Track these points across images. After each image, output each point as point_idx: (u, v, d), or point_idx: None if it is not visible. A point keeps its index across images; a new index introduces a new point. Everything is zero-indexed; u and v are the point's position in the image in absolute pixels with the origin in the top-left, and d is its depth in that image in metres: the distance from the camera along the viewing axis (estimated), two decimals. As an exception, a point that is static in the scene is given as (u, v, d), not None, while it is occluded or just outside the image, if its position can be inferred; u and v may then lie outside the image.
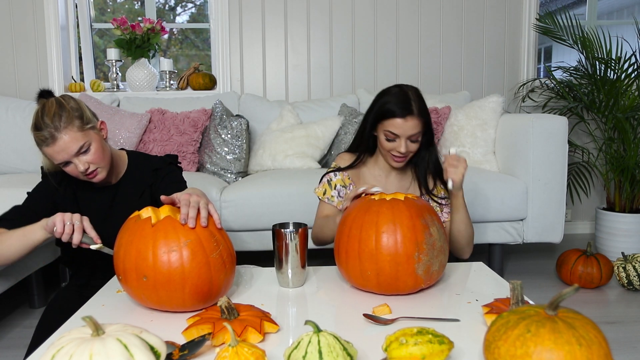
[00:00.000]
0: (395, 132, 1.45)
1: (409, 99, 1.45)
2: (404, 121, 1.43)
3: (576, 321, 0.68)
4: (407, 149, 1.46)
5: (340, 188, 1.59)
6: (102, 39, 3.39)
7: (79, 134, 1.23)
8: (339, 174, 1.60)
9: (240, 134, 2.50)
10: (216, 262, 1.01)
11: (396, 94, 1.47)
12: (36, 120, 1.23)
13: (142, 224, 1.02)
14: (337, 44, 3.14)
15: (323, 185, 1.61)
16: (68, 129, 1.22)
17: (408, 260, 1.07)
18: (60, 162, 1.24)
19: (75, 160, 1.24)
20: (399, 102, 1.45)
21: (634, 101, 2.74)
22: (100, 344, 0.66)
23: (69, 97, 1.29)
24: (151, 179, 1.43)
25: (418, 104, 1.46)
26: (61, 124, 1.21)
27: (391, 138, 1.47)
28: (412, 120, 1.43)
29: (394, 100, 1.46)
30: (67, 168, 1.27)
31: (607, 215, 2.77)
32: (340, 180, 1.59)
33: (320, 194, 1.62)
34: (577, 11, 4.84)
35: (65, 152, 1.22)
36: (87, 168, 1.26)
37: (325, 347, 0.74)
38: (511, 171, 2.35)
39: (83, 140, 1.24)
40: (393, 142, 1.47)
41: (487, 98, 2.55)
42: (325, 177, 1.62)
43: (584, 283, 2.29)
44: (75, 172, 1.27)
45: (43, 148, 1.24)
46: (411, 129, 1.44)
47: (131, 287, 1.01)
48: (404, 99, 1.45)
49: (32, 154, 2.56)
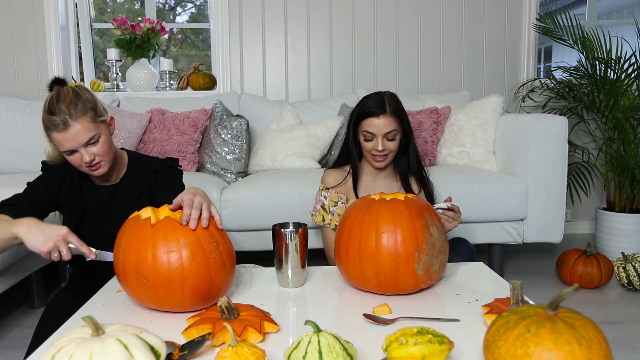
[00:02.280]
0: (371, 131, 1.56)
1: (383, 100, 1.57)
2: (378, 119, 1.55)
3: (576, 321, 0.68)
4: (384, 146, 1.56)
5: (334, 209, 1.68)
6: (102, 39, 3.39)
7: (91, 125, 1.25)
8: (327, 194, 1.69)
9: (240, 134, 2.50)
10: (216, 263, 1.01)
11: (372, 97, 1.60)
12: (50, 105, 1.23)
13: (141, 224, 1.02)
14: (337, 44, 3.14)
15: (319, 212, 1.70)
16: (82, 119, 1.23)
17: (408, 260, 1.07)
18: (67, 149, 1.25)
19: (82, 150, 1.25)
20: (374, 103, 1.57)
21: (634, 101, 2.74)
22: (100, 344, 0.66)
23: (85, 89, 1.31)
24: (150, 180, 1.43)
25: (393, 104, 1.57)
26: (76, 113, 1.23)
27: (369, 138, 1.58)
28: (386, 119, 1.55)
29: (369, 102, 1.58)
30: (71, 157, 1.27)
31: (607, 215, 2.77)
32: (331, 202, 1.68)
33: (319, 221, 1.71)
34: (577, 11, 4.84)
35: (75, 141, 1.23)
36: (92, 159, 1.27)
37: (325, 347, 0.74)
38: (511, 171, 2.34)
39: (94, 132, 1.26)
40: (371, 141, 1.58)
41: (487, 98, 2.54)
42: (318, 203, 1.71)
43: (584, 283, 2.29)
44: (78, 162, 1.28)
45: (52, 133, 1.24)
46: (385, 126, 1.55)
47: (131, 287, 1.01)
48: (379, 100, 1.57)
49: (32, 154, 2.56)
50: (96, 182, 1.42)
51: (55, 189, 1.38)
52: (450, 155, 2.53)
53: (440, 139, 2.60)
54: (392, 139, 1.57)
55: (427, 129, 2.56)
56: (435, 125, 2.57)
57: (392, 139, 1.57)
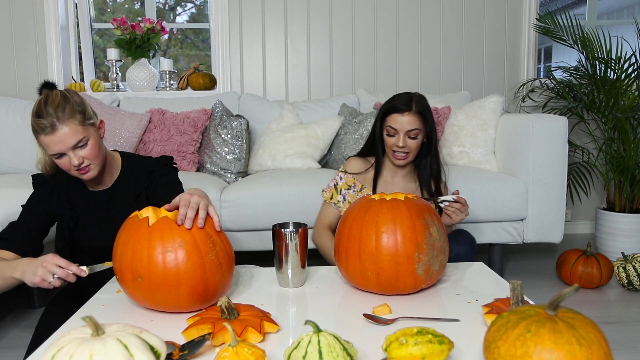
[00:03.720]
0: (394, 127, 1.60)
1: (411, 99, 1.62)
2: (402, 116, 1.59)
3: (576, 321, 0.68)
4: (404, 143, 1.59)
5: (345, 192, 1.71)
6: (102, 39, 3.39)
7: (79, 128, 1.24)
8: (344, 177, 1.73)
9: (240, 134, 2.50)
10: (212, 264, 1.00)
11: (402, 95, 1.64)
12: (38, 108, 1.23)
13: (139, 224, 1.02)
14: (337, 44, 3.14)
15: (330, 189, 1.74)
16: (69, 122, 1.23)
17: (408, 260, 1.07)
18: (55, 153, 1.24)
19: (70, 153, 1.25)
20: (402, 100, 1.62)
21: (634, 101, 2.74)
22: (100, 344, 0.66)
23: (74, 92, 1.30)
24: (146, 181, 1.42)
25: (419, 104, 1.61)
26: (64, 116, 1.22)
27: (392, 133, 1.61)
28: (410, 116, 1.59)
29: (398, 99, 1.63)
30: (60, 160, 1.26)
31: (607, 215, 2.77)
32: (345, 184, 1.72)
33: (327, 198, 1.74)
34: (577, 11, 4.84)
35: (63, 144, 1.23)
36: (81, 163, 1.26)
37: (325, 347, 0.74)
38: (511, 171, 2.35)
39: (82, 135, 1.25)
40: (393, 137, 1.61)
41: (487, 98, 2.54)
42: (332, 182, 1.75)
43: (584, 283, 2.29)
44: (67, 166, 1.27)
45: (40, 136, 1.23)
46: (409, 124, 1.59)
47: (127, 287, 1.02)
48: (407, 98, 1.62)
49: (32, 154, 2.56)
50: (90, 188, 1.41)
51: (47, 205, 1.37)
52: (450, 155, 2.53)
53: (440, 139, 2.60)
54: (414, 137, 1.60)
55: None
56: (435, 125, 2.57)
57: (414, 138, 1.61)
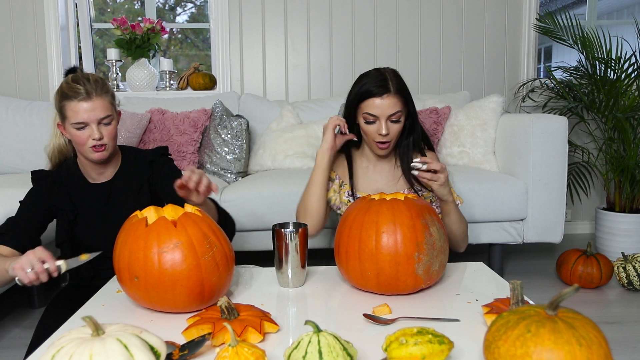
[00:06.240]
0: (373, 113, 1.40)
1: (385, 77, 1.41)
2: (382, 100, 1.39)
3: (576, 321, 0.68)
4: (387, 130, 1.41)
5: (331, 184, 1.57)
6: (102, 39, 3.39)
7: (109, 106, 1.32)
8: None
9: (240, 134, 2.50)
10: (208, 265, 1.00)
11: (373, 75, 1.44)
12: (75, 77, 1.29)
13: (137, 224, 1.02)
14: (337, 44, 3.14)
15: None
16: (103, 96, 1.30)
17: (408, 260, 1.07)
18: (81, 121, 1.28)
19: (94, 126, 1.29)
20: (376, 81, 1.41)
21: (634, 101, 2.74)
22: (100, 344, 0.67)
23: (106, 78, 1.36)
24: (148, 172, 1.44)
25: (396, 82, 1.42)
26: (100, 89, 1.30)
27: (371, 120, 1.42)
28: (390, 98, 1.39)
29: (370, 80, 1.42)
30: (80, 132, 1.29)
31: (607, 215, 2.77)
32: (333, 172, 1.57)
33: None
34: (577, 11, 4.85)
35: (93, 114, 1.28)
36: (101, 138, 1.30)
37: (325, 347, 0.74)
38: (511, 171, 2.35)
39: (110, 112, 1.32)
40: (373, 124, 1.42)
41: (487, 98, 2.54)
42: None
43: (584, 283, 2.29)
44: (85, 140, 1.30)
45: (71, 102, 1.27)
46: (389, 107, 1.39)
47: (125, 286, 1.02)
48: (380, 77, 1.41)
49: (32, 154, 2.56)
50: (90, 180, 1.41)
51: (47, 199, 1.37)
52: (450, 155, 2.53)
53: (440, 139, 2.60)
54: (397, 120, 1.42)
55: (427, 129, 2.56)
56: (435, 125, 2.57)
57: (397, 121, 1.42)
